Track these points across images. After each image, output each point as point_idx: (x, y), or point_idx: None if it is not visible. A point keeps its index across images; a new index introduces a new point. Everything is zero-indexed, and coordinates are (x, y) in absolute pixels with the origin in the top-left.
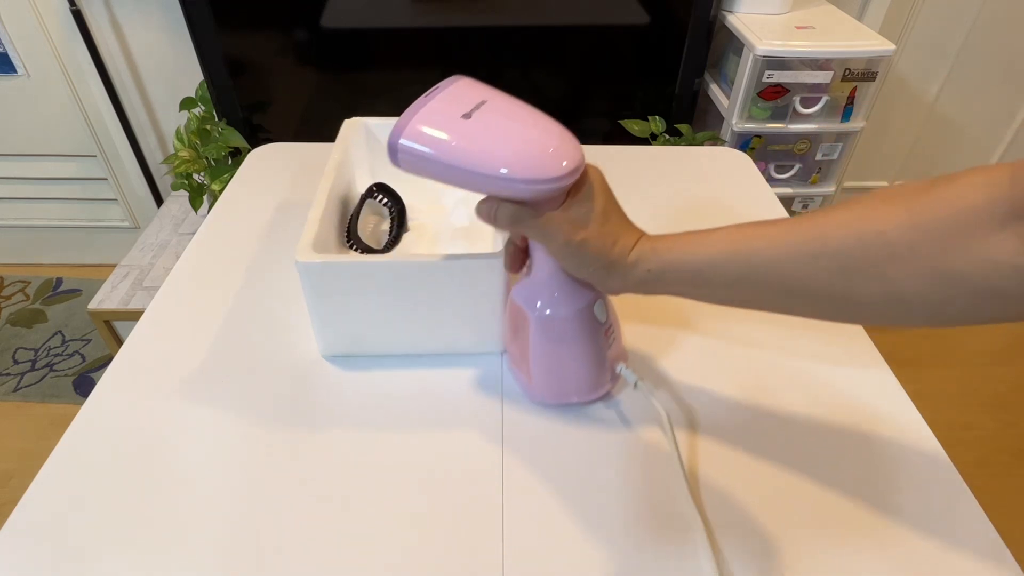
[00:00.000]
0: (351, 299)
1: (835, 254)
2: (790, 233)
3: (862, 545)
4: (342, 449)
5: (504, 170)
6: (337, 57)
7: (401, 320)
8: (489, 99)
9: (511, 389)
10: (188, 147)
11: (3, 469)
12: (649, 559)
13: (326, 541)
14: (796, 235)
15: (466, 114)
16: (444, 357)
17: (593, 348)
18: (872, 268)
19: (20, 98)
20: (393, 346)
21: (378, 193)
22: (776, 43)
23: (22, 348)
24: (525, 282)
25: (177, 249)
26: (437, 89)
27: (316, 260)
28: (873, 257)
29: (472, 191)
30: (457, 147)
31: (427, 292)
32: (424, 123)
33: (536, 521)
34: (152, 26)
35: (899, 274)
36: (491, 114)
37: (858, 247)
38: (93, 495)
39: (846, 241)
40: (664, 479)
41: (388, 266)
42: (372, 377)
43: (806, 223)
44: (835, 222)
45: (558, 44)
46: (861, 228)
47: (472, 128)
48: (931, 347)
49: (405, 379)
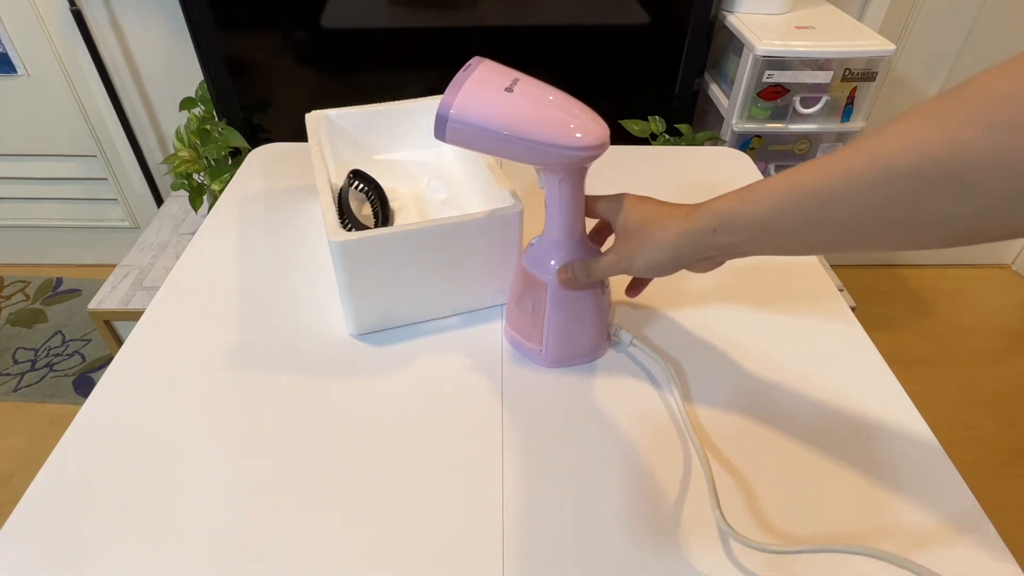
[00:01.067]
0: (383, 272)
1: (903, 177)
2: (848, 165)
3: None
4: (368, 438)
5: (555, 138)
6: (337, 57)
7: (430, 284)
8: (519, 77)
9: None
10: (188, 147)
11: (3, 469)
12: (650, 492)
13: (337, 544)
14: (856, 166)
15: (508, 88)
16: (464, 316)
17: (602, 309)
18: (949, 184)
19: (20, 98)
20: (419, 313)
21: (355, 180)
22: (776, 43)
23: (22, 348)
24: (537, 247)
25: (177, 249)
26: (467, 69)
27: (352, 238)
28: (947, 172)
29: (515, 160)
30: (508, 117)
31: (454, 252)
32: (471, 98)
33: (536, 470)
34: (152, 26)
35: (982, 184)
36: (530, 88)
37: (929, 165)
38: (93, 495)
39: (917, 163)
40: (664, 423)
41: (421, 232)
42: (399, 350)
43: (865, 151)
44: (899, 144)
45: (558, 44)
46: (929, 145)
47: (517, 101)
48: (931, 347)
49: (429, 345)
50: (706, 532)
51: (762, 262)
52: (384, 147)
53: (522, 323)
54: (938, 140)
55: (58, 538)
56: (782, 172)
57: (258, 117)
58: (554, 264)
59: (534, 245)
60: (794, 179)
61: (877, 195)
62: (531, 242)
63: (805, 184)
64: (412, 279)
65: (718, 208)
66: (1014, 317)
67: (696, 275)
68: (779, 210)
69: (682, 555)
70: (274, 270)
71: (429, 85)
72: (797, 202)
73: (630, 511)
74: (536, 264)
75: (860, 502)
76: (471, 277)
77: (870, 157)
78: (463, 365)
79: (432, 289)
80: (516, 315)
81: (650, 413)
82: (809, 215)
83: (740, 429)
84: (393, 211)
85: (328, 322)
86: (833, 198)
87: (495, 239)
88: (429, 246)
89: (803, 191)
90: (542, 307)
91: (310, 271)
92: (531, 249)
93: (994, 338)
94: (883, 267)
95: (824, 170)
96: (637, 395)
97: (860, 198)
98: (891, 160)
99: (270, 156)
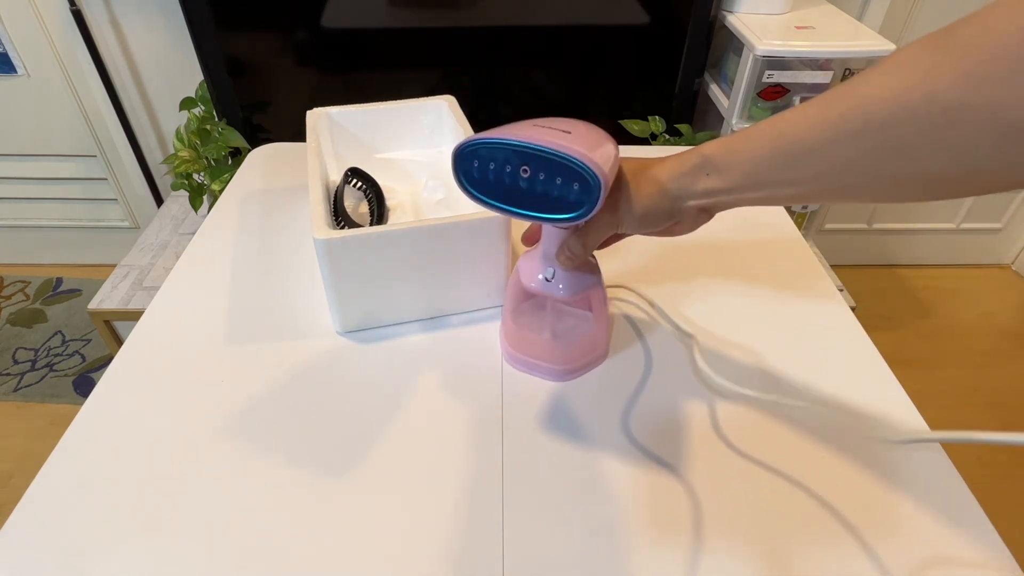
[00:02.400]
0: (368, 271)
1: (882, 129)
2: (828, 114)
3: (861, 545)
4: (363, 432)
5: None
6: (337, 57)
7: (417, 284)
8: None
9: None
10: (188, 147)
11: (3, 469)
12: (651, 492)
13: (338, 544)
14: (835, 115)
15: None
16: (451, 317)
17: (604, 308)
18: (929, 137)
19: (20, 98)
20: (409, 313)
21: (353, 178)
22: (776, 43)
23: (22, 348)
24: (535, 265)
25: (177, 249)
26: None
27: (336, 236)
28: (929, 124)
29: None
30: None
31: (441, 253)
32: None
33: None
34: (152, 26)
35: (963, 137)
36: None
37: (907, 117)
38: (93, 495)
39: (895, 114)
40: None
41: (406, 232)
42: (388, 348)
43: (848, 98)
44: (877, 94)
45: (558, 44)
46: (908, 96)
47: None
48: (931, 347)
49: (417, 343)
50: (707, 532)
51: (761, 262)
52: (384, 146)
53: (523, 340)
54: (917, 90)
55: (58, 538)
56: (768, 119)
57: (258, 117)
58: (553, 273)
59: (527, 258)
60: (778, 128)
61: (858, 146)
62: (523, 255)
63: (788, 133)
64: (398, 279)
65: (708, 151)
66: (1014, 317)
67: (693, 274)
68: (768, 157)
69: (682, 555)
70: (274, 270)
71: (429, 85)
72: (781, 149)
73: (631, 511)
74: (532, 277)
75: (860, 502)
76: (460, 279)
77: (850, 106)
78: (460, 365)
79: (420, 290)
80: (514, 332)
81: (651, 412)
82: (793, 163)
83: (740, 429)
84: (389, 210)
85: (330, 322)
86: (815, 147)
87: (483, 241)
88: (415, 247)
89: (786, 141)
90: (545, 321)
91: (310, 270)
92: (525, 263)
93: (994, 338)
94: (883, 267)
95: (807, 119)
96: (636, 392)
97: (840, 148)
98: (871, 110)
99: (270, 156)
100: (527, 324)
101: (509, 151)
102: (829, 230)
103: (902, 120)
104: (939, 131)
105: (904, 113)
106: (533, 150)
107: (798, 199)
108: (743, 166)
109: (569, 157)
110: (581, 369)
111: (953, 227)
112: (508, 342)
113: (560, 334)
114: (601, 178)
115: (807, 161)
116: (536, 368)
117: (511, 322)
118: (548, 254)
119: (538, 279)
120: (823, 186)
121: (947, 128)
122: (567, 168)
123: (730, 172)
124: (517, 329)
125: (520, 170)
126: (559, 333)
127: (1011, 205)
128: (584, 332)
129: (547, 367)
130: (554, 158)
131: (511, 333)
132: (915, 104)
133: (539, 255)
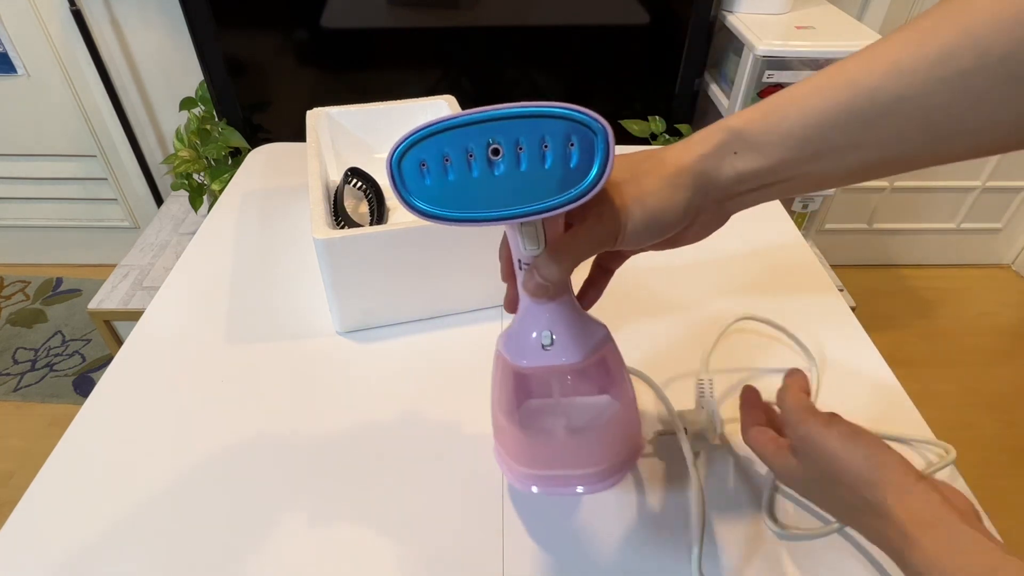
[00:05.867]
0: (368, 271)
1: (1002, 64)
2: (923, 51)
3: (858, 545)
4: (367, 432)
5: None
6: (337, 57)
7: (417, 284)
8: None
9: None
10: (188, 147)
11: (3, 469)
12: (654, 491)
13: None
14: (932, 52)
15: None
16: (451, 317)
17: (626, 375)
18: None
19: (20, 98)
20: (406, 313)
21: (353, 178)
22: (776, 43)
23: (22, 348)
24: (525, 334)
25: (177, 249)
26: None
27: (336, 236)
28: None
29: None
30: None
31: (440, 253)
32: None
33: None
34: (152, 26)
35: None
36: None
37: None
38: (93, 495)
39: (1013, 34)
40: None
41: (405, 232)
42: (388, 348)
43: (945, 30)
44: (989, 20)
45: (558, 44)
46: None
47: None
48: (931, 347)
49: (417, 343)
50: (707, 531)
51: (760, 261)
52: (384, 146)
53: (536, 450)
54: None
55: (58, 538)
56: (820, 71)
57: (258, 117)
58: (551, 338)
59: (511, 336)
60: (846, 76)
61: (968, 88)
62: (502, 337)
63: (863, 82)
64: (398, 279)
65: (736, 123)
66: (1014, 317)
67: (685, 279)
68: (831, 117)
69: (684, 555)
70: (274, 270)
71: (429, 85)
72: (851, 105)
73: (632, 511)
74: (525, 351)
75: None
76: (459, 279)
77: (952, 40)
78: (460, 365)
79: (420, 290)
80: (523, 443)
81: (651, 414)
82: (871, 120)
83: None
84: (389, 210)
85: (330, 322)
86: (906, 96)
87: (484, 241)
88: (415, 247)
89: (860, 92)
90: (558, 414)
91: (310, 270)
92: (510, 340)
93: (994, 338)
94: (883, 267)
95: (888, 62)
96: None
97: (942, 95)
98: (984, 41)
99: (270, 156)
100: (535, 424)
101: (467, 130)
102: (829, 230)
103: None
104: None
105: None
106: (500, 116)
107: (858, 174)
108: (795, 132)
109: (551, 108)
110: (624, 463)
111: (953, 227)
112: (514, 457)
113: (579, 427)
114: (602, 123)
115: (891, 116)
116: (567, 480)
117: (517, 432)
118: (538, 313)
119: (534, 350)
120: (905, 150)
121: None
122: (552, 122)
123: (772, 147)
124: (527, 437)
125: (488, 151)
126: (578, 425)
127: (1011, 205)
128: (612, 414)
129: (581, 473)
130: (531, 115)
131: (520, 447)
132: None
133: (526, 321)
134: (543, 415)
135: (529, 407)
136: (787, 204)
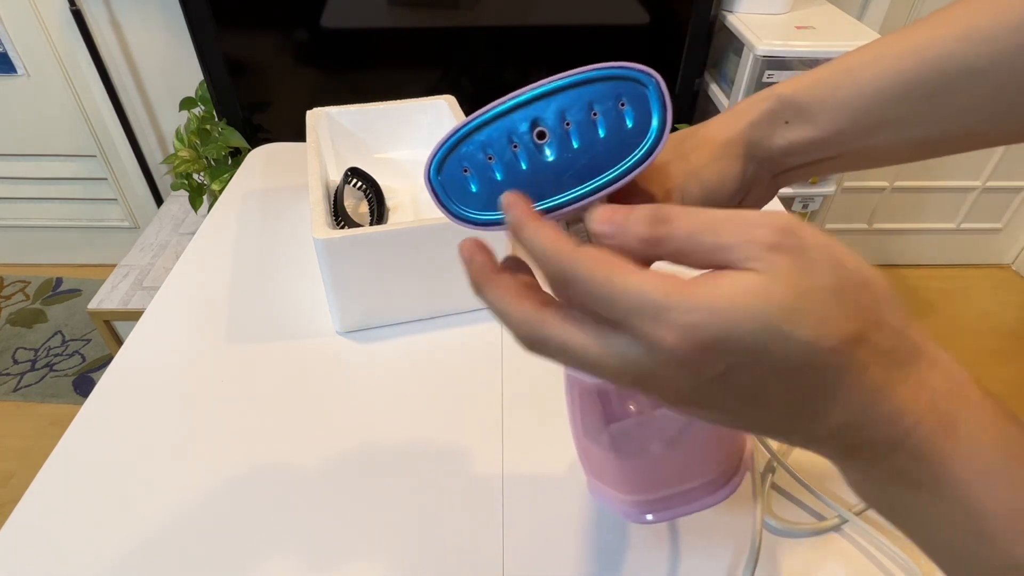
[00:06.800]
0: (368, 271)
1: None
2: (1002, 17)
3: (859, 546)
4: (369, 431)
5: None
6: (337, 57)
7: (417, 284)
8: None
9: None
10: (188, 147)
11: (3, 469)
12: None
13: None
14: (1016, 18)
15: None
16: (451, 317)
17: None
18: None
19: (20, 98)
20: (406, 313)
21: (353, 178)
22: (776, 43)
23: (22, 348)
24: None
25: (177, 249)
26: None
27: (336, 236)
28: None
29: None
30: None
31: (441, 253)
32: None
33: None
34: (152, 26)
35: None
36: None
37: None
38: (93, 495)
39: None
40: None
41: (405, 232)
42: (388, 348)
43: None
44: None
45: (558, 44)
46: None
47: None
48: None
49: (417, 343)
50: (707, 531)
51: None
52: (384, 146)
53: (627, 477)
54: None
55: (58, 538)
56: (880, 39)
57: (258, 117)
58: None
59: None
60: (911, 42)
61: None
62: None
63: (929, 50)
64: (398, 278)
65: (785, 92)
66: (1014, 317)
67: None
68: (892, 86)
69: (683, 555)
70: (274, 270)
71: (429, 85)
72: (917, 73)
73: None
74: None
75: (859, 502)
76: (460, 279)
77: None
78: (460, 365)
79: (420, 290)
80: (614, 466)
81: None
82: (937, 90)
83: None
84: (389, 210)
85: (330, 322)
86: (977, 67)
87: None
88: (415, 247)
89: (926, 60)
90: (651, 432)
91: (310, 270)
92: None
93: (994, 338)
94: (883, 267)
95: (958, 27)
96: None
97: (1018, 60)
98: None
99: (270, 156)
100: (627, 446)
101: (504, 120)
102: (829, 230)
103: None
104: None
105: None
106: (537, 95)
107: (918, 150)
108: (852, 103)
109: (590, 72)
110: (737, 471)
111: (953, 227)
112: (617, 487)
113: (675, 437)
114: (651, 73)
115: (961, 87)
116: (683, 500)
117: (613, 459)
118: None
119: None
120: (971, 123)
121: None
122: (595, 87)
123: (826, 117)
124: (621, 460)
125: (533, 136)
126: (672, 436)
127: (1011, 205)
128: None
129: (694, 488)
130: (572, 84)
131: (614, 471)
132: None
133: None
134: (633, 435)
135: (614, 431)
136: (787, 204)
